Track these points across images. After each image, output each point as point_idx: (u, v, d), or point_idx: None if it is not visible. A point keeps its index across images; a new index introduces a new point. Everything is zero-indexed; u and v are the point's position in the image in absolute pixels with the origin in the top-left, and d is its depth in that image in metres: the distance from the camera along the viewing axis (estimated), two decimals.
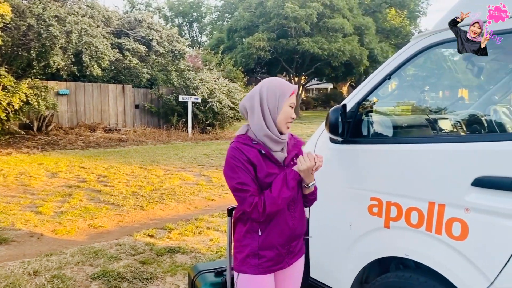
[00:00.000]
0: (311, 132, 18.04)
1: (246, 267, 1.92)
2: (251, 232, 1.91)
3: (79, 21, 11.74)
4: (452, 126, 2.72)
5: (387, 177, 2.21)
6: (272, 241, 1.91)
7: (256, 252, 1.90)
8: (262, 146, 1.88)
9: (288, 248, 1.98)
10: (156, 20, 18.42)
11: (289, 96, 1.91)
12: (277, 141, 1.91)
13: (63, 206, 6.00)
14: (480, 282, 1.80)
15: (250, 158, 1.84)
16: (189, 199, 6.66)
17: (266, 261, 1.91)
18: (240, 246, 1.94)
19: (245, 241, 1.92)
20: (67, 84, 14.48)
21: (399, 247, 2.15)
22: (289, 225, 1.95)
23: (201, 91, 15.81)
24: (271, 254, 1.92)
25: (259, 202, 1.81)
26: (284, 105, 1.90)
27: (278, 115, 1.90)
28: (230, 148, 1.89)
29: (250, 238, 1.91)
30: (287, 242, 1.97)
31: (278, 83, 1.94)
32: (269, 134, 1.88)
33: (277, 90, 1.91)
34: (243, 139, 1.91)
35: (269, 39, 27.58)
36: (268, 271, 1.93)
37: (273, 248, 1.92)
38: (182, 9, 46.25)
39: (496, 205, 1.74)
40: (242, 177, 1.82)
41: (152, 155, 11.10)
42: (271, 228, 1.90)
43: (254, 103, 1.91)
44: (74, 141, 12.92)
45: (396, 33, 37.42)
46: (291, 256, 2.01)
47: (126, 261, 4.07)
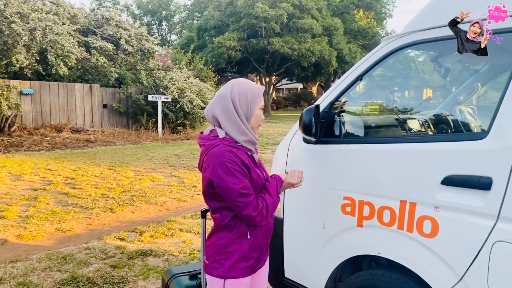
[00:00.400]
0: (282, 131, 18.19)
1: (235, 272, 1.89)
2: (240, 237, 1.89)
3: (44, 18, 11.39)
4: (421, 126, 2.79)
5: (360, 176, 2.24)
6: (258, 242, 1.95)
7: (246, 255, 1.90)
8: (245, 148, 1.88)
9: (266, 246, 2.05)
10: (124, 18, 18.03)
11: (259, 99, 1.91)
12: (254, 142, 1.92)
13: (29, 210, 5.80)
14: (450, 278, 1.85)
15: (244, 160, 1.82)
16: (160, 200, 6.57)
17: (253, 262, 1.94)
18: (227, 253, 1.89)
19: (233, 247, 1.89)
20: (31, 83, 13.98)
21: (372, 245, 2.19)
22: (270, 225, 2.01)
23: (171, 90, 15.60)
24: (256, 254, 1.95)
25: (263, 206, 1.83)
26: (255, 110, 1.89)
27: (251, 120, 1.88)
28: (221, 151, 1.78)
29: (239, 243, 1.89)
30: (265, 241, 2.02)
31: (248, 86, 1.89)
32: (251, 139, 1.88)
33: (248, 94, 1.87)
34: (229, 142, 1.83)
35: (240, 38, 27.57)
36: (253, 271, 1.96)
37: (258, 249, 1.96)
38: (151, 7, 45.62)
39: (465, 203, 1.80)
40: (244, 181, 1.78)
41: (121, 156, 10.88)
42: (258, 230, 1.93)
43: (228, 109, 1.84)
44: (39, 142, 12.50)
45: (364, 34, 38.16)
46: (266, 253, 2.08)
47: (96, 266, 3.96)
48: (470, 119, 2.71)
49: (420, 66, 2.93)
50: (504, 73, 2.42)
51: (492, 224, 1.71)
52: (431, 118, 2.87)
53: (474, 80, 3.10)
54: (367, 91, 2.76)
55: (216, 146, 1.80)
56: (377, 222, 2.14)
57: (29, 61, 11.56)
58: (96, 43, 14.16)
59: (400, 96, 3.52)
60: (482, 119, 2.63)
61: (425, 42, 2.12)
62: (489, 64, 2.96)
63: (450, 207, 1.85)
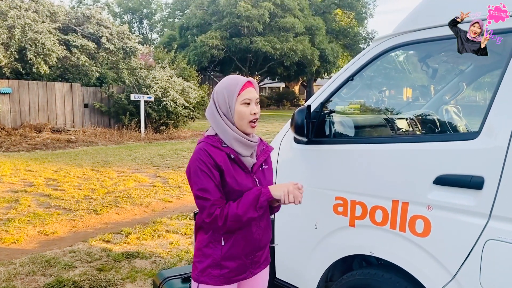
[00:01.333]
0: (266, 131, 18.21)
1: (207, 277, 1.81)
2: (214, 242, 1.80)
3: (23, 16, 11.13)
4: (413, 126, 2.82)
5: (352, 176, 2.25)
6: (236, 251, 1.81)
7: (218, 263, 1.80)
8: (231, 150, 1.77)
9: (252, 258, 1.89)
10: (105, 16, 17.76)
11: (238, 94, 1.76)
12: (247, 144, 1.80)
13: (9, 212, 5.65)
14: (443, 276, 1.87)
15: (217, 162, 1.72)
16: (146, 201, 6.49)
17: (228, 272, 1.82)
18: (201, 255, 1.83)
19: (207, 251, 1.81)
20: (9, 82, 13.63)
21: (365, 245, 2.20)
22: (254, 236, 1.85)
23: (154, 89, 15.42)
24: (234, 264, 1.82)
25: (220, 215, 1.70)
26: (235, 105, 1.76)
27: (234, 118, 1.77)
28: (197, 149, 1.76)
29: (213, 248, 1.80)
30: (252, 252, 1.87)
31: (226, 83, 1.80)
32: (238, 137, 1.76)
33: (224, 91, 1.77)
34: (212, 141, 1.78)
35: (222, 37, 27.51)
36: (230, 282, 1.84)
37: (237, 259, 1.82)
38: (132, 5, 45.12)
39: (457, 202, 1.82)
40: (205, 183, 1.70)
41: (104, 157, 10.72)
42: (235, 239, 1.80)
43: (212, 110, 1.80)
44: (18, 143, 12.21)
45: (345, 33, 38.51)
46: (256, 266, 1.92)
47: (82, 269, 3.89)
48: (462, 119, 2.75)
49: (411, 67, 2.97)
50: (495, 73, 2.47)
51: (484, 223, 1.74)
52: (423, 118, 2.90)
53: (463, 80, 3.15)
54: (358, 91, 2.78)
55: (199, 143, 1.80)
56: (369, 222, 2.15)
57: (7, 60, 11.28)
58: (77, 41, 13.92)
59: (391, 96, 3.56)
60: (474, 119, 2.68)
61: (416, 43, 2.14)
62: (480, 65, 3.02)
63: (442, 207, 1.87)
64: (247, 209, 1.71)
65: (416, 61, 2.74)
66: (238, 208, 1.70)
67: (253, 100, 1.78)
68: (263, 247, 1.94)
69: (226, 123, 1.76)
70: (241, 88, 1.76)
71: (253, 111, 1.78)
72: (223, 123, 1.76)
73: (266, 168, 1.93)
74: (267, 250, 2.02)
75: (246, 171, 1.82)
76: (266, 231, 1.93)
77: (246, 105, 1.77)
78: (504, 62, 1.77)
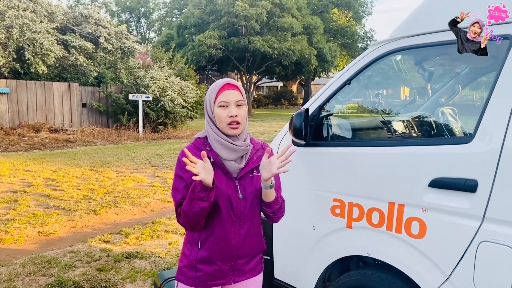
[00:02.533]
0: (264, 130, 18.25)
1: (184, 277, 1.85)
2: (192, 243, 1.84)
3: (21, 16, 11.13)
4: (409, 129, 2.87)
5: (349, 179, 2.29)
6: (210, 256, 1.79)
7: (193, 265, 1.81)
8: (213, 153, 1.77)
9: (232, 265, 1.84)
10: (103, 15, 17.76)
11: (216, 97, 1.76)
12: (229, 147, 1.76)
13: (9, 213, 5.68)
14: (438, 277, 1.92)
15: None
16: (145, 201, 6.53)
17: (203, 275, 1.81)
18: (182, 255, 1.89)
19: (185, 251, 1.86)
20: (7, 82, 13.63)
21: (361, 246, 2.25)
22: (231, 243, 1.80)
23: (152, 89, 15.45)
24: (208, 269, 1.80)
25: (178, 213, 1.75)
26: (214, 109, 1.76)
27: (215, 120, 1.77)
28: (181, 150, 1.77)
29: (190, 249, 1.84)
30: (230, 259, 1.83)
31: (211, 87, 1.83)
32: (218, 139, 1.76)
33: (207, 97, 1.81)
34: (198, 143, 1.83)
35: (220, 37, 27.46)
36: (205, 285, 1.83)
37: (211, 263, 1.80)
38: (129, 4, 45.00)
39: (451, 205, 1.87)
40: (177, 183, 1.78)
41: (102, 156, 10.74)
42: (211, 243, 1.79)
43: (205, 113, 1.85)
44: (16, 143, 12.22)
45: (343, 33, 38.50)
46: (237, 273, 1.87)
47: (82, 269, 3.92)
48: (457, 121, 2.80)
49: (407, 70, 3.01)
50: (489, 78, 2.51)
51: (477, 225, 1.78)
52: (419, 121, 2.95)
53: (459, 83, 3.19)
54: (356, 94, 2.82)
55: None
56: (366, 223, 2.19)
57: (5, 60, 11.29)
58: (75, 41, 13.92)
59: (388, 100, 3.60)
60: (469, 121, 2.72)
61: (412, 48, 2.19)
62: (476, 69, 3.06)
63: (437, 209, 1.91)
64: (189, 204, 1.66)
65: (413, 65, 2.79)
66: (184, 205, 1.69)
67: (231, 102, 1.74)
68: (244, 256, 1.87)
69: (210, 125, 1.80)
70: (217, 91, 1.76)
71: (229, 114, 1.73)
72: (208, 126, 1.81)
73: (258, 176, 1.82)
74: (255, 260, 1.94)
75: (229, 176, 1.78)
76: (250, 240, 1.86)
77: (223, 108, 1.74)
78: (499, 66, 1.81)
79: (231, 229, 1.80)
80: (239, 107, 1.76)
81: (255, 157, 1.85)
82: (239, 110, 1.75)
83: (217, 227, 1.79)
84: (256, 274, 1.96)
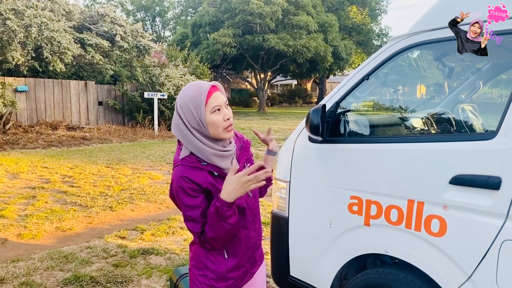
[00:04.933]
0: (278, 128, 18.21)
1: None
2: (215, 255, 1.72)
3: (39, 15, 11.30)
4: (429, 125, 2.81)
5: (367, 176, 2.26)
6: (239, 260, 1.76)
7: (224, 276, 1.73)
8: (213, 166, 1.64)
9: (252, 261, 1.85)
10: (119, 14, 17.93)
11: (206, 104, 1.60)
12: (227, 156, 1.68)
13: (28, 208, 5.77)
14: (458, 276, 1.88)
15: (201, 184, 1.60)
16: (160, 198, 6.56)
17: (233, 282, 1.76)
18: (205, 269, 1.73)
19: (210, 265, 1.72)
20: (26, 81, 13.87)
21: (379, 244, 2.21)
22: (253, 240, 1.82)
23: (167, 87, 15.56)
24: (239, 273, 1.77)
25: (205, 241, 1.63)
26: (206, 117, 1.60)
27: (208, 129, 1.61)
28: (175, 176, 1.61)
29: (215, 261, 1.72)
30: (252, 256, 1.84)
31: (189, 94, 1.62)
32: (217, 153, 1.63)
33: (190, 105, 1.60)
34: (190, 162, 1.62)
35: (235, 35, 27.49)
36: None
37: (241, 268, 1.78)
38: (144, 3, 45.39)
39: (473, 202, 1.82)
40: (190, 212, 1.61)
41: (118, 154, 10.85)
42: (237, 248, 1.75)
43: (180, 127, 1.63)
44: (34, 140, 12.42)
45: (358, 30, 38.18)
46: (254, 265, 1.88)
47: (98, 265, 3.96)
48: (478, 118, 2.73)
49: (427, 66, 2.95)
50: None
51: (501, 224, 1.74)
52: (439, 117, 2.89)
53: (480, 79, 3.12)
54: (374, 90, 2.78)
55: (175, 166, 1.66)
56: (384, 221, 2.16)
57: (24, 58, 11.47)
58: (92, 40, 14.08)
59: (406, 96, 3.54)
60: (491, 118, 2.66)
61: (432, 42, 2.14)
62: (499, 64, 2.99)
63: (458, 207, 1.87)
64: (217, 228, 1.58)
65: (432, 60, 2.73)
66: (211, 231, 1.59)
67: (222, 104, 1.64)
68: (259, 246, 1.91)
69: (201, 140, 1.62)
70: (206, 96, 1.60)
71: (226, 117, 1.63)
72: (197, 141, 1.61)
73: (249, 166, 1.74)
74: (261, 247, 1.97)
75: None
76: (260, 229, 1.90)
77: (217, 112, 1.62)
78: None
79: (250, 228, 1.81)
80: (227, 108, 1.68)
81: (237, 150, 1.80)
82: (229, 111, 1.68)
83: (242, 232, 1.76)
84: (263, 260, 1.99)
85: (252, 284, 1.92)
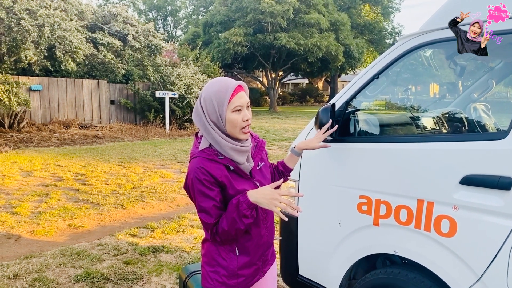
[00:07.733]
0: (289, 127, 18.18)
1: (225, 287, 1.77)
2: (226, 251, 1.75)
3: (52, 15, 11.43)
4: (439, 125, 2.78)
5: (376, 175, 2.25)
6: (250, 258, 1.78)
7: (235, 273, 1.75)
8: (229, 161, 1.67)
9: (263, 259, 1.87)
10: (130, 14, 18.07)
11: (229, 102, 1.62)
12: (243, 151, 1.69)
13: (41, 206, 5.86)
14: (469, 277, 1.86)
15: (217, 177, 1.63)
16: (171, 196, 6.61)
17: (245, 279, 1.78)
18: (217, 266, 1.75)
19: (222, 261, 1.75)
20: (40, 80, 14.07)
21: (389, 244, 2.20)
22: (264, 239, 1.82)
23: (178, 86, 15.64)
24: (250, 271, 1.79)
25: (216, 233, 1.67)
26: (226, 114, 1.63)
27: (226, 126, 1.65)
28: (193, 167, 1.64)
29: (227, 258, 1.75)
30: (263, 254, 1.86)
31: (214, 88, 1.65)
32: (234, 147, 1.66)
33: (213, 99, 1.63)
34: (208, 154, 1.65)
35: (246, 34, 27.49)
36: (247, 287, 1.82)
37: (252, 265, 1.80)
38: (156, 2, 45.66)
39: (484, 203, 1.80)
40: (205, 204, 1.64)
41: (130, 152, 10.94)
42: (249, 246, 1.77)
43: (201, 119, 1.67)
44: (48, 138, 12.59)
45: (370, 29, 37.91)
46: (265, 264, 1.90)
47: (109, 262, 4.01)
48: (490, 118, 2.70)
49: (438, 65, 2.92)
50: None
51: (511, 224, 1.72)
52: (449, 117, 2.86)
53: (492, 78, 3.08)
54: (384, 89, 2.76)
55: (193, 158, 1.68)
56: (393, 221, 2.15)
57: (37, 57, 11.63)
58: (104, 39, 14.21)
59: (417, 95, 3.51)
60: (502, 118, 2.63)
61: (443, 41, 2.11)
62: (511, 63, 2.95)
63: (468, 207, 1.85)
64: (232, 223, 1.62)
65: (444, 59, 2.70)
66: (225, 224, 1.62)
67: (244, 105, 1.66)
68: (271, 244, 1.92)
69: (218, 133, 1.65)
70: (231, 94, 1.63)
71: (245, 118, 1.65)
72: (215, 134, 1.65)
73: (263, 165, 1.85)
74: (273, 246, 1.98)
75: (246, 177, 1.74)
76: (272, 228, 1.90)
77: (238, 112, 1.64)
78: None
79: (262, 226, 1.81)
80: (248, 109, 1.70)
81: (252, 149, 1.82)
82: (249, 113, 1.70)
83: (253, 230, 1.77)
84: (274, 259, 2.00)
85: (263, 283, 1.93)
